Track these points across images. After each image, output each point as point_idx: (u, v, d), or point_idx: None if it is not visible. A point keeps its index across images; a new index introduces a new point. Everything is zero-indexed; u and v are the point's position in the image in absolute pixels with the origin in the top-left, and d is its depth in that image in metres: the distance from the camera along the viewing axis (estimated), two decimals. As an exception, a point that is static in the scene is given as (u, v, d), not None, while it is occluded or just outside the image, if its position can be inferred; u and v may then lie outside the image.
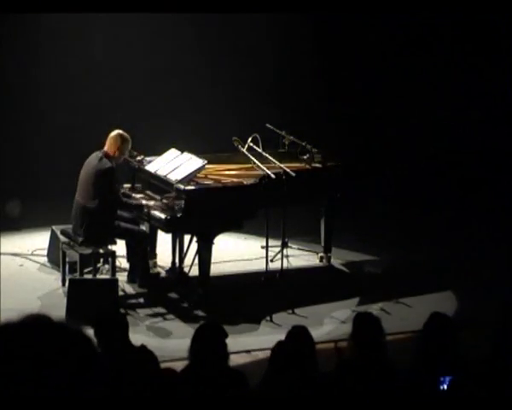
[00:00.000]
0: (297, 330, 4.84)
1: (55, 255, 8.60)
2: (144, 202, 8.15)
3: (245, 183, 8.11)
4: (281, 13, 11.17)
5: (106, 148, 8.06)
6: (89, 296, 7.28)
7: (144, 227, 8.46)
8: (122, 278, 8.25)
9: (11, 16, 10.56)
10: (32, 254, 9.25)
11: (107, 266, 8.22)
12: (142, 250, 8.20)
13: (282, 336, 4.91)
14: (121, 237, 8.17)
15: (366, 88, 11.75)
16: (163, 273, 8.65)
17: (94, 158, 8.06)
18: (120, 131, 8.12)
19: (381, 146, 11.15)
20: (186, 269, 8.39)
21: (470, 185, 11.12)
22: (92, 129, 8.26)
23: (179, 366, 5.18)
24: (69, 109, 11.27)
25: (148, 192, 8.30)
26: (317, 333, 7.32)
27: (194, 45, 11.71)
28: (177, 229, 8.08)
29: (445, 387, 4.40)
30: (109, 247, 8.05)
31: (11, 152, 10.94)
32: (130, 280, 8.35)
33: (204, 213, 7.78)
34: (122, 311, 7.33)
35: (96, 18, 11.00)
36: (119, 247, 8.30)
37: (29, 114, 11.31)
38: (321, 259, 9.31)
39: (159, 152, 8.60)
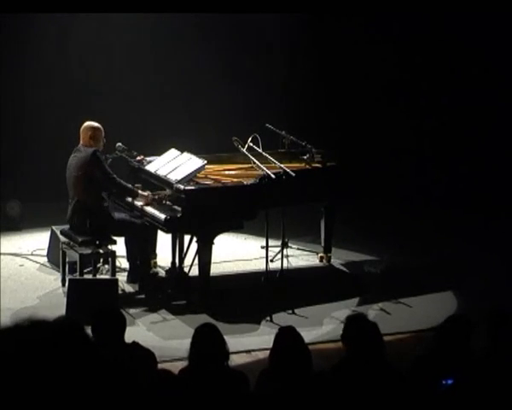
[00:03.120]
0: (284, 332, 4.82)
1: (55, 255, 8.60)
2: (139, 191, 8.17)
3: (245, 183, 8.10)
4: (281, 13, 11.17)
5: (81, 142, 8.11)
6: (89, 296, 7.28)
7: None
8: (122, 278, 8.25)
9: (11, 16, 10.55)
10: (32, 254, 9.25)
11: (107, 266, 8.21)
12: (142, 242, 8.18)
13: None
14: (122, 230, 8.15)
15: (366, 88, 11.75)
16: (163, 273, 8.65)
17: (75, 154, 8.10)
18: (88, 122, 8.16)
19: (381, 146, 11.15)
20: (186, 269, 8.39)
21: (470, 185, 11.12)
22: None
23: (179, 366, 5.18)
24: (70, 110, 11.27)
25: (148, 192, 8.29)
26: (317, 333, 7.34)
27: (194, 45, 11.71)
28: (176, 229, 8.07)
29: (447, 388, 4.40)
30: (109, 247, 8.05)
31: (11, 152, 10.94)
32: (131, 280, 8.34)
33: (204, 213, 7.77)
34: (121, 311, 7.31)
35: (96, 17, 11.00)
36: (119, 247, 8.30)
37: (29, 114, 11.31)
38: (321, 259, 9.31)
39: (159, 152, 8.61)
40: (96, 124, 8.15)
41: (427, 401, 4.39)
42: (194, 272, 8.13)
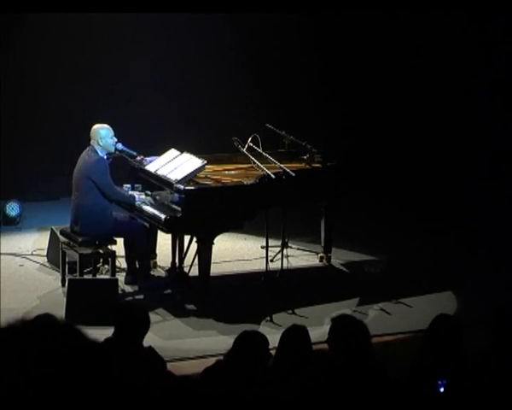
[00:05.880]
0: (294, 331, 4.81)
1: (55, 255, 8.60)
2: (137, 194, 8.16)
3: (245, 183, 8.10)
4: (281, 13, 11.17)
5: (91, 142, 8.13)
6: (88, 296, 7.29)
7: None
8: (122, 278, 8.25)
9: (11, 16, 10.55)
10: (31, 254, 9.25)
11: (107, 266, 8.22)
12: (141, 243, 8.18)
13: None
14: (119, 232, 8.16)
15: (365, 88, 11.75)
16: (163, 273, 8.65)
17: (84, 154, 8.14)
18: (98, 124, 8.17)
19: (380, 145, 11.15)
20: (186, 269, 8.39)
21: (470, 184, 11.12)
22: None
23: (179, 366, 5.19)
24: (70, 109, 11.28)
25: (148, 192, 8.30)
26: (317, 333, 7.33)
27: (194, 45, 11.71)
28: (176, 229, 8.07)
29: (443, 389, 4.39)
30: (109, 247, 8.04)
31: (11, 152, 10.94)
32: (128, 282, 8.32)
33: (204, 213, 7.77)
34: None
35: (97, 17, 11.00)
36: (119, 247, 8.30)
37: (29, 114, 11.31)
38: (321, 259, 9.31)
39: (159, 152, 8.61)
40: (105, 125, 8.18)
41: (423, 404, 4.38)
42: (195, 272, 8.13)
